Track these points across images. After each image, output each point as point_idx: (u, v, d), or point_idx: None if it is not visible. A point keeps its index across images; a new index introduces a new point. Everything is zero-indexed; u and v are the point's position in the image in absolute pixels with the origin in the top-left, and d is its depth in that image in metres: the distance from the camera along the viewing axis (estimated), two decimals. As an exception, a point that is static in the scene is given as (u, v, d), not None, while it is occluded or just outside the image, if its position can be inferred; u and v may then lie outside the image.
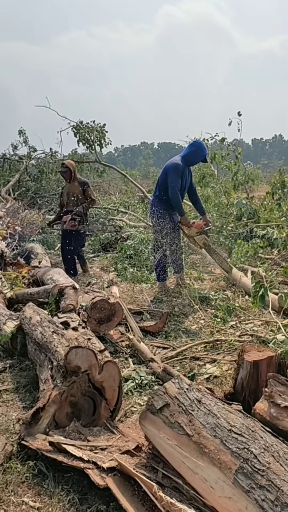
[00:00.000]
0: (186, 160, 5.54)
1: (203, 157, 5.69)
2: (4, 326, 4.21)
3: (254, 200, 8.93)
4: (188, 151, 5.58)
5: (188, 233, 5.64)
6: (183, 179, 5.52)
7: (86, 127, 11.82)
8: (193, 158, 5.59)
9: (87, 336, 3.38)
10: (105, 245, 9.45)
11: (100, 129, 12.10)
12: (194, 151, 5.55)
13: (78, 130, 11.92)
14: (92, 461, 2.31)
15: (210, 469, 1.99)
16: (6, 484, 2.37)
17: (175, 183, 5.37)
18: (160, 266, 5.78)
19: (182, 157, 5.54)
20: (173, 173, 5.41)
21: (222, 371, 3.72)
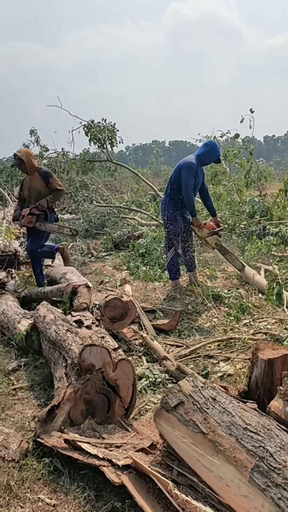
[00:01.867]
0: (200, 159, 5.54)
1: (217, 157, 5.68)
2: (19, 324, 4.25)
3: (266, 197, 8.88)
4: (202, 151, 5.56)
5: (200, 234, 5.63)
6: (196, 179, 5.50)
7: (97, 126, 11.84)
8: (207, 158, 5.59)
9: (100, 334, 3.39)
10: (117, 244, 9.48)
11: (111, 127, 12.12)
12: (209, 151, 5.54)
13: (89, 129, 11.94)
14: (107, 458, 2.32)
15: (225, 467, 1.99)
16: (23, 481, 2.39)
17: (188, 182, 5.37)
18: (173, 264, 5.80)
19: (196, 156, 5.54)
20: (187, 172, 5.40)
21: (236, 369, 3.71)
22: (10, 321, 4.39)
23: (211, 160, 5.70)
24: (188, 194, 5.38)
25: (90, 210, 11.92)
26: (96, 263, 8.42)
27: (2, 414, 3.11)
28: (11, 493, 2.30)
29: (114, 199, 13.31)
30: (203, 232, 5.58)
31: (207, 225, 5.60)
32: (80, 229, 11.17)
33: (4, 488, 2.32)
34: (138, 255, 7.64)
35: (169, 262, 5.78)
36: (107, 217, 11.22)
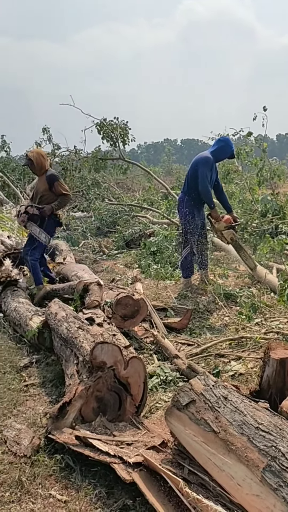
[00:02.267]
0: (214, 156, 5.55)
1: (231, 153, 5.70)
2: (31, 321, 4.27)
3: (279, 196, 8.81)
4: (216, 147, 5.58)
5: (217, 227, 5.59)
6: (211, 174, 5.52)
7: (109, 124, 11.85)
8: (221, 153, 5.61)
9: (112, 332, 3.40)
10: (129, 242, 9.48)
11: (123, 126, 12.12)
12: (222, 147, 5.57)
13: (102, 127, 11.95)
14: (118, 455, 2.32)
15: (237, 466, 1.98)
16: (34, 476, 2.41)
17: (205, 175, 5.38)
18: (187, 263, 5.77)
19: (211, 152, 5.55)
20: (204, 166, 5.41)
21: (247, 369, 3.69)
22: (22, 318, 4.41)
23: (225, 155, 5.71)
24: (205, 187, 5.39)
25: (102, 208, 11.93)
26: (107, 261, 8.43)
27: (14, 410, 3.13)
28: (22, 488, 2.32)
29: (125, 197, 13.32)
30: (220, 225, 5.56)
31: (224, 218, 5.59)
32: (91, 227, 11.20)
33: (16, 484, 2.34)
34: (150, 253, 7.63)
35: (183, 259, 5.76)
36: (118, 215, 11.22)
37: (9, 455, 2.60)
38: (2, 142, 15.92)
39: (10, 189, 12.81)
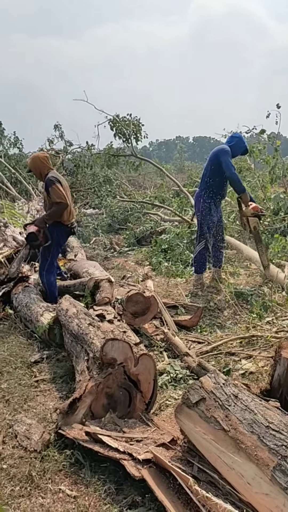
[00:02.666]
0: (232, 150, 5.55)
1: (244, 149, 5.72)
2: (41, 317, 4.29)
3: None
4: (231, 143, 5.59)
5: (245, 211, 5.58)
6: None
7: (122, 120, 11.84)
8: (236, 149, 5.61)
9: (122, 329, 3.40)
10: (140, 239, 9.48)
11: (136, 122, 12.11)
12: (237, 142, 5.59)
13: (115, 123, 11.95)
14: (127, 452, 2.33)
15: (247, 465, 1.97)
16: (44, 471, 2.42)
17: (229, 162, 5.39)
18: (200, 258, 5.74)
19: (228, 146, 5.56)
20: (225, 155, 5.42)
21: (258, 367, 3.67)
22: (33, 314, 4.44)
23: (239, 151, 5.71)
24: (232, 173, 5.39)
25: (113, 205, 11.95)
26: (118, 258, 8.44)
27: (25, 405, 3.15)
28: (32, 483, 2.34)
29: (137, 194, 13.32)
30: (248, 210, 5.55)
31: (253, 205, 5.57)
32: (103, 224, 11.23)
33: (26, 478, 2.36)
34: (161, 251, 7.63)
35: (197, 254, 5.75)
36: (130, 212, 11.22)
37: (19, 449, 2.62)
38: (14, 138, 16.00)
39: (22, 186, 12.88)
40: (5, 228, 6.63)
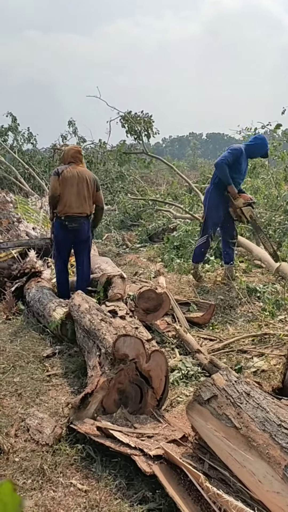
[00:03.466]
0: (248, 150, 5.64)
1: (265, 152, 5.79)
2: (54, 312, 4.31)
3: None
4: (253, 143, 5.69)
5: (236, 203, 5.62)
6: (241, 165, 5.60)
7: (133, 117, 11.82)
8: (256, 150, 5.70)
9: (134, 325, 3.41)
10: (152, 236, 9.48)
11: (147, 119, 12.08)
12: (259, 144, 5.66)
13: (126, 120, 11.94)
14: (138, 448, 2.34)
15: (258, 463, 1.97)
16: (55, 465, 2.44)
17: (225, 157, 5.49)
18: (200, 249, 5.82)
19: (246, 145, 5.67)
20: (229, 152, 5.53)
21: (270, 365, 3.66)
22: (46, 309, 4.46)
23: (259, 152, 5.79)
24: (222, 164, 5.47)
25: (126, 202, 11.95)
26: (130, 254, 8.45)
27: (37, 399, 3.17)
28: (44, 476, 2.35)
29: (150, 191, 13.30)
30: (239, 201, 5.60)
31: (242, 195, 5.65)
32: (115, 220, 11.24)
33: (38, 472, 2.37)
34: (173, 248, 7.62)
35: (197, 247, 5.85)
36: (142, 209, 11.22)
37: (31, 443, 2.64)
38: (28, 134, 16.08)
39: (35, 181, 12.94)
40: (18, 223, 6.68)
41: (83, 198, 4.91)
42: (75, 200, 4.87)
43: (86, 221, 5.00)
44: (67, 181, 4.87)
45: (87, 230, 5.04)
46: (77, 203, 4.88)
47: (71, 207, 4.87)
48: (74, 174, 4.91)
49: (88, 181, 4.94)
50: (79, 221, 4.92)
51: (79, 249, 5.11)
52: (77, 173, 4.93)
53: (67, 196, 4.86)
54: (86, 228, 5.02)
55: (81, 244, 5.06)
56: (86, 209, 4.94)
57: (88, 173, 5.06)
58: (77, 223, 4.92)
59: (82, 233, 4.99)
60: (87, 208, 4.96)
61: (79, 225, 4.93)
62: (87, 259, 5.16)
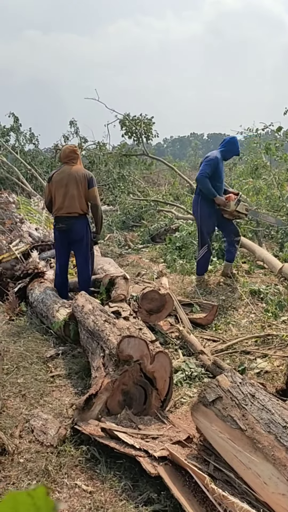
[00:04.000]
0: (223, 154, 5.85)
1: (237, 152, 6.09)
2: (57, 313, 4.32)
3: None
4: (225, 148, 5.87)
5: (230, 209, 5.71)
6: (221, 172, 5.78)
7: (132, 120, 11.82)
8: (229, 153, 5.94)
9: (138, 326, 3.41)
10: (154, 236, 9.48)
11: (147, 121, 12.09)
12: (231, 147, 5.88)
13: (125, 123, 11.95)
14: (143, 449, 2.34)
15: (263, 465, 1.97)
16: (60, 466, 2.44)
17: (204, 170, 5.64)
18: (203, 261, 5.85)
19: (220, 151, 5.84)
20: (207, 163, 5.68)
21: (273, 367, 3.66)
22: (49, 310, 4.47)
23: (232, 154, 6.06)
24: (203, 179, 5.62)
25: (127, 202, 11.95)
26: (133, 255, 8.45)
27: (41, 400, 3.17)
28: (49, 477, 2.36)
29: (151, 191, 13.31)
30: (231, 205, 5.70)
31: (228, 197, 5.76)
32: (117, 221, 11.24)
33: (43, 473, 2.38)
34: (175, 248, 7.63)
35: (201, 258, 5.84)
36: (144, 209, 11.22)
37: (36, 444, 2.64)
38: (30, 135, 16.08)
39: (38, 182, 12.96)
40: (21, 224, 6.68)
41: (72, 197, 4.81)
42: (63, 201, 4.82)
43: (77, 221, 4.87)
44: (57, 184, 4.85)
45: (80, 230, 4.91)
46: (65, 203, 4.82)
47: (59, 208, 4.85)
48: (63, 176, 4.87)
49: (77, 179, 4.84)
50: (67, 221, 4.85)
51: (75, 250, 5.05)
52: (67, 174, 4.87)
53: (57, 198, 4.85)
54: (79, 227, 4.90)
55: (75, 244, 4.98)
56: (75, 208, 4.83)
57: (79, 171, 4.93)
58: (65, 223, 4.85)
59: (74, 233, 4.90)
60: (77, 207, 4.83)
61: (67, 225, 4.86)
62: (83, 259, 5.02)
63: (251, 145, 10.44)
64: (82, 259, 5.03)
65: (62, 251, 5.06)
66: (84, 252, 5.00)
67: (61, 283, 5.12)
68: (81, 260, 5.04)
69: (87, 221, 4.98)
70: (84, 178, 4.88)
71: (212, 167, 5.62)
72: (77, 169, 4.95)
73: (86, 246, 5.01)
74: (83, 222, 4.93)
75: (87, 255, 5.05)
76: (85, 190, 4.86)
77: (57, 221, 4.89)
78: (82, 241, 4.95)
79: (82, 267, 5.05)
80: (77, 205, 4.83)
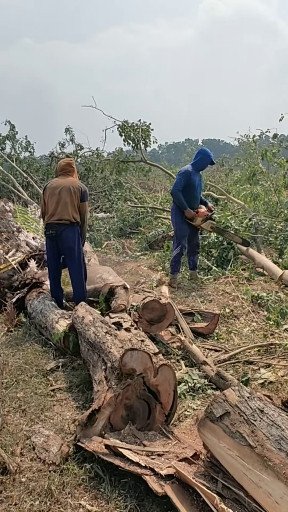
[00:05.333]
0: (196, 167, 6.35)
1: (210, 161, 6.46)
2: (57, 324, 4.25)
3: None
4: (196, 160, 6.38)
5: (195, 223, 6.32)
6: (193, 183, 6.24)
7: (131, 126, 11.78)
8: (201, 164, 6.40)
9: (140, 337, 3.35)
10: (152, 243, 9.43)
11: (145, 127, 12.06)
12: (201, 158, 6.36)
13: (123, 129, 11.91)
14: (149, 467, 2.27)
15: (275, 483, 1.91)
16: (63, 485, 2.37)
17: (177, 183, 6.24)
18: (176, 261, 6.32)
19: (192, 164, 6.37)
20: (179, 176, 6.27)
21: (278, 377, 3.60)
22: (48, 321, 4.40)
23: (205, 164, 6.48)
24: (175, 192, 6.22)
25: (124, 209, 11.90)
26: (130, 262, 8.39)
27: (42, 415, 3.10)
28: (52, 497, 2.28)
29: (148, 198, 13.26)
30: (197, 221, 6.31)
31: (199, 213, 6.32)
32: (114, 228, 11.19)
33: (46, 493, 2.30)
34: (173, 256, 7.56)
35: (173, 258, 6.34)
36: (141, 216, 11.17)
37: (37, 462, 2.57)
38: (26, 142, 16.04)
39: (34, 190, 12.90)
40: (18, 233, 6.62)
41: (64, 204, 4.76)
42: (55, 208, 4.77)
43: (67, 228, 4.79)
44: (51, 191, 4.82)
45: (71, 237, 4.82)
46: (57, 210, 4.77)
47: (51, 214, 4.79)
48: (57, 185, 4.84)
49: (71, 189, 4.81)
50: (57, 227, 4.77)
51: (66, 259, 4.95)
52: (61, 183, 4.85)
53: (49, 205, 4.81)
54: (69, 235, 4.81)
55: (66, 252, 4.89)
56: (67, 215, 4.76)
57: (74, 182, 4.94)
58: (55, 229, 4.78)
59: (64, 240, 4.81)
60: (69, 215, 4.77)
61: (56, 231, 4.78)
62: (75, 269, 4.93)
63: (247, 151, 10.44)
64: (74, 269, 4.93)
65: (54, 263, 4.99)
66: (76, 261, 4.91)
67: (56, 294, 5.08)
68: (73, 270, 4.94)
69: (78, 231, 4.89)
70: (79, 190, 4.87)
71: (184, 180, 6.15)
72: (72, 180, 4.96)
73: (78, 256, 4.92)
74: (73, 230, 4.84)
75: (80, 265, 4.96)
76: (78, 201, 4.85)
77: (48, 228, 4.85)
78: (73, 249, 4.85)
79: (75, 277, 4.95)
80: (69, 212, 4.77)
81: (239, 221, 8.06)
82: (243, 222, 8.12)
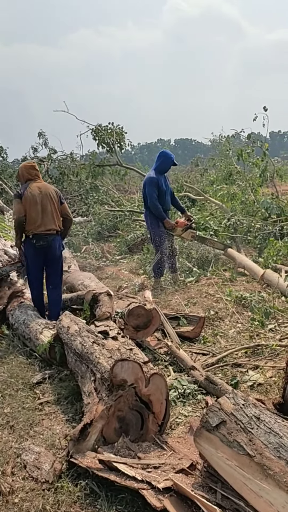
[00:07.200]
0: (159, 170, 6.29)
1: (172, 162, 6.39)
2: (41, 335, 4.16)
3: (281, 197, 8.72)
4: (158, 163, 6.32)
5: (175, 233, 6.40)
6: (162, 187, 6.21)
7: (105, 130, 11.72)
8: (164, 166, 6.37)
9: (128, 346, 3.30)
10: (131, 247, 9.38)
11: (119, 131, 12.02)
12: (163, 161, 6.31)
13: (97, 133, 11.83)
14: (146, 480, 2.22)
15: (276, 492, 1.89)
16: (58, 504, 2.30)
17: (151, 194, 6.16)
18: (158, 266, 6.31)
19: (154, 169, 6.29)
20: (149, 186, 6.17)
21: (266, 378, 3.61)
22: (32, 332, 4.30)
23: (168, 166, 6.43)
24: (153, 204, 6.16)
25: (102, 212, 11.81)
26: (111, 267, 8.33)
27: (31, 431, 3.02)
28: (47, 518, 2.22)
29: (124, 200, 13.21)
30: (177, 231, 6.38)
31: (178, 223, 6.37)
32: (92, 232, 11.09)
33: (40, 513, 2.23)
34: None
35: (155, 263, 6.31)
36: (119, 219, 11.11)
37: (30, 481, 2.49)
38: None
39: (8, 196, 12.68)
40: (-5, 241, 6.47)
41: (50, 214, 4.75)
42: (41, 218, 4.71)
43: (55, 238, 4.82)
44: (31, 200, 4.72)
45: (58, 247, 4.87)
46: (43, 220, 4.72)
47: (37, 225, 4.72)
48: (36, 192, 4.76)
49: (51, 196, 4.81)
50: (46, 239, 4.74)
51: (52, 269, 4.92)
52: (39, 190, 4.78)
53: (33, 214, 4.70)
54: (57, 245, 4.84)
55: (52, 263, 4.87)
56: (54, 225, 4.77)
57: (49, 187, 4.96)
58: (45, 241, 4.74)
59: (52, 251, 4.80)
60: (55, 224, 4.79)
61: (47, 243, 4.75)
62: (57, 279, 4.98)
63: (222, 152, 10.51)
64: (57, 280, 4.99)
65: (39, 274, 4.92)
66: (59, 271, 5.02)
67: (40, 304, 5.01)
68: (55, 280, 4.97)
69: (60, 239, 4.94)
70: (56, 194, 4.90)
71: (155, 187, 6.12)
72: (46, 186, 4.95)
73: (61, 265, 5.05)
74: (59, 239, 4.91)
75: (61, 274, 5.08)
76: (58, 206, 4.87)
77: (37, 239, 4.73)
78: (59, 258, 4.95)
79: (56, 285, 4.98)
80: (54, 221, 4.81)
81: (218, 222, 8.08)
82: (222, 222, 8.15)
